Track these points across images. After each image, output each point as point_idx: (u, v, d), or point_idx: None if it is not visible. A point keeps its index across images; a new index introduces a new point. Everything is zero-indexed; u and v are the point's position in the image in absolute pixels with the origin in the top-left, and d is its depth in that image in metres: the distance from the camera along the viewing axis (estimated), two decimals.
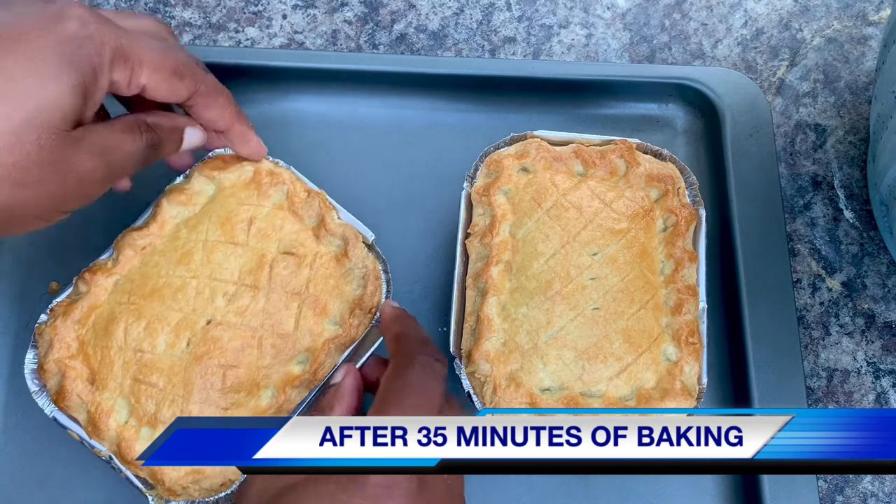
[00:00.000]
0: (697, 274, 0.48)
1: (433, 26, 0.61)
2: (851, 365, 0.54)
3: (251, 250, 0.46)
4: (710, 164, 0.57)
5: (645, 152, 0.51)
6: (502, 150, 0.50)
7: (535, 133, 0.51)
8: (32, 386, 0.44)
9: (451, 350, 0.47)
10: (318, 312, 0.46)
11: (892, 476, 0.51)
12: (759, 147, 0.56)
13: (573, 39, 0.61)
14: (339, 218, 0.48)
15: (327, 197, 0.49)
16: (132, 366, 0.44)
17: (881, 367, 0.54)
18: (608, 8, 0.62)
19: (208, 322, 0.45)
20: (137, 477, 0.43)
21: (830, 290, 0.55)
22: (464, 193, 0.50)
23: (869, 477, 0.51)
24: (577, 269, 0.47)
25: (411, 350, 0.39)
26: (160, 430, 0.43)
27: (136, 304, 0.45)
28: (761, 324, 0.51)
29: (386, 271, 0.48)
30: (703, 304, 0.47)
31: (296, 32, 0.60)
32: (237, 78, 0.56)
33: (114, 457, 0.43)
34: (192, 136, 0.46)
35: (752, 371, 0.50)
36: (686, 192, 0.50)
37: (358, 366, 0.44)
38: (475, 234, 0.48)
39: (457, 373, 0.46)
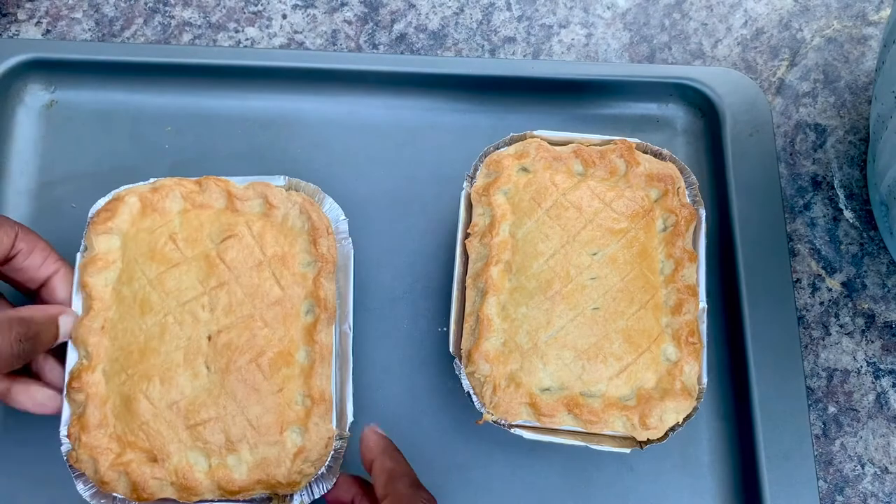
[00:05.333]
0: (697, 274, 0.48)
1: (433, 26, 0.61)
2: (851, 365, 0.54)
3: (193, 259, 0.46)
4: (710, 164, 0.57)
5: (645, 152, 0.51)
6: (502, 149, 0.50)
7: (535, 133, 0.51)
8: None
9: (451, 350, 0.47)
10: (287, 264, 0.47)
11: (892, 476, 0.51)
12: (759, 147, 0.56)
13: (573, 39, 0.61)
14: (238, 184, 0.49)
15: (215, 178, 0.49)
16: (176, 419, 0.43)
17: (881, 366, 0.54)
18: (608, 7, 0.62)
19: (209, 338, 0.45)
20: (254, 500, 0.44)
21: (830, 289, 0.55)
22: (463, 193, 0.50)
23: (869, 477, 0.51)
24: (577, 269, 0.47)
25: (407, 495, 0.39)
26: (242, 449, 0.43)
27: (137, 371, 0.44)
28: (761, 324, 0.51)
29: (315, 197, 0.49)
30: (702, 304, 0.47)
31: (296, 32, 0.60)
32: (237, 78, 0.56)
33: (221, 500, 0.43)
34: (68, 323, 0.45)
35: (752, 371, 0.50)
36: (686, 192, 0.50)
37: (326, 492, 0.44)
38: (475, 234, 0.48)
39: (456, 373, 0.46)
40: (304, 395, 0.45)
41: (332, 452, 0.44)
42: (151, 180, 0.48)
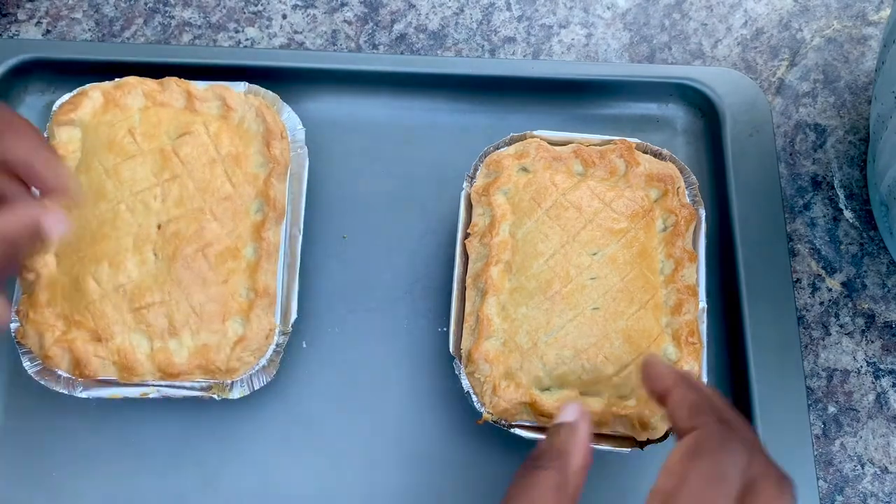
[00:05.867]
0: (697, 274, 0.48)
1: (433, 26, 0.61)
2: (851, 365, 0.54)
3: (149, 153, 0.48)
4: (710, 164, 0.57)
5: (644, 152, 0.51)
6: (502, 149, 0.50)
7: (535, 133, 0.51)
8: (49, 384, 0.45)
9: (451, 350, 0.47)
10: (241, 164, 0.48)
11: (892, 476, 0.51)
12: (759, 147, 0.56)
13: (573, 39, 0.61)
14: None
15: (176, 79, 0.51)
16: (122, 302, 0.45)
17: (881, 366, 0.54)
18: (608, 8, 0.62)
19: (159, 226, 0.46)
20: (193, 387, 0.45)
21: (830, 289, 0.55)
22: (463, 193, 0.50)
23: (869, 476, 0.51)
24: (577, 269, 0.47)
25: (720, 431, 0.33)
26: (184, 334, 0.45)
27: (87, 255, 0.46)
28: (761, 324, 0.51)
29: (273, 104, 0.51)
30: (702, 304, 0.47)
31: (296, 32, 0.60)
32: (237, 78, 0.56)
33: (162, 384, 0.45)
34: (57, 223, 0.37)
35: (752, 371, 0.50)
36: (686, 192, 0.50)
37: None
38: (475, 234, 0.49)
39: (456, 373, 0.46)
40: (248, 289, 0.46)
41: (273, 346, 0.46)
42: (116, 80, 0.50)
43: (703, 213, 0.49)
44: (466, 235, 0.49)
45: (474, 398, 0.46)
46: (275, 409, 0.49)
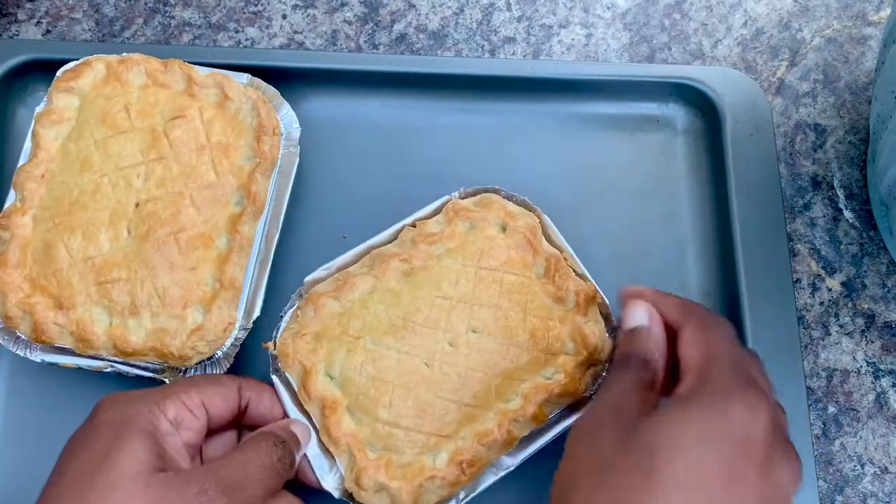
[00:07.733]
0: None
1: (433, 26, 0.61)
2: (851, 365, 0.54)
3: (140, 131, 0.49)
4: (710, 164, 0.57)
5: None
6: (505, 200, 0.50)
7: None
8: (8, 344, 0.46)
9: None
10: (228, 154, 0.49)
11: (892, 476, 0.51)
12: (759, 147, 0.56)
13: (573, 39, 0.61)
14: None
15: (180, 61, 0.51)
16: (89, 273, 0.45)
17: (881, 367, 0.54)
18: (608, 8, 0.62)
19: (137, 205, 0.47)
20: (147, 367, 0.46)
21: (830, 289, 0.55)
22: (445, 198, 0.50)
23: (869, 477, 0.51)
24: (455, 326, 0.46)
25: (711, 317, 0.40)
26: (144, 315, 0.45)
27: (63, 222, 0.46)
28: (761, 324, 0.51)
29: (268, 100, 0.51)
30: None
31: (296, 32, 0.60)
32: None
33: (115, 361, 0.45)
34: (304, 433, 0.44)
35: None
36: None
37: None
38: (418, 229, 0.49)
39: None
40: (214, 279, 0.47)
41: (231, 339, 0.46)
42: (122, 54, 0.51)
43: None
44: (414, 225, 0.49)
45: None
46: None
